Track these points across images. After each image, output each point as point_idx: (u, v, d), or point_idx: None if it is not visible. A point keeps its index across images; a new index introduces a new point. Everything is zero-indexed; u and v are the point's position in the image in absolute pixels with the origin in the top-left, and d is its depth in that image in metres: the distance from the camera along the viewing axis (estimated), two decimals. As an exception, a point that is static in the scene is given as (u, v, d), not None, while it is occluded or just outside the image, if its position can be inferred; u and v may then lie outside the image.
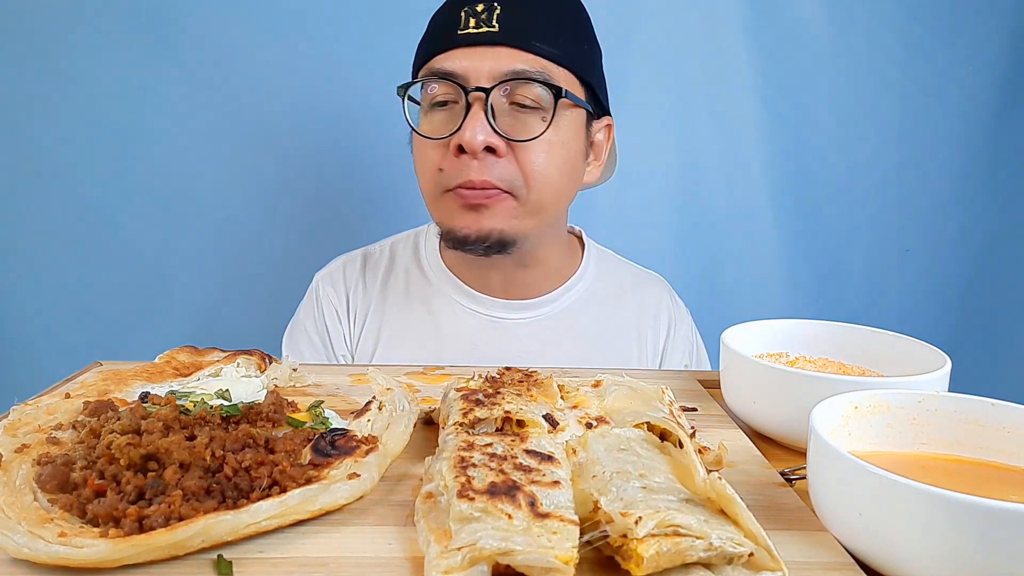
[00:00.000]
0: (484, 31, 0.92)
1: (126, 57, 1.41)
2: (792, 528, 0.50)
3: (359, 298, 1.13)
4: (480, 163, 0.92)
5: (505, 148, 0.93)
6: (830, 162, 1.59)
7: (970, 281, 1.65)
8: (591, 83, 1.00)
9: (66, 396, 0.63)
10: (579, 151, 1.01)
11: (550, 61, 0.94)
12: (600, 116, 1.05)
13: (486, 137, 0.90)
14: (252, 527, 0.45)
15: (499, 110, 0.93)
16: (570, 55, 0.96)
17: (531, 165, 0.94)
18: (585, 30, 1.02)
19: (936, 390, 0.59)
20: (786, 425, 0.65)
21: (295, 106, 1.48)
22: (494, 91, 0.91)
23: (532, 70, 0.92)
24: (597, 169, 1.08)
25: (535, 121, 0.94)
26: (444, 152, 0.95)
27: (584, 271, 1.14)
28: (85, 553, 0.41)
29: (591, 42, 1.03)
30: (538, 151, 0.94)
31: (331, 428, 0.57)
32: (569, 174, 1.00)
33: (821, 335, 0.78)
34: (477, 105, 0.91)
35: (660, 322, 1.15)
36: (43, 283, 1.47)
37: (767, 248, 1.62)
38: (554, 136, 0.95)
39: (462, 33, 0.92)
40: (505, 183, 0.94)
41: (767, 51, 1.53)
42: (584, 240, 1.19)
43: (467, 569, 0.39)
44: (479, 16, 0.92)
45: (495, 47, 0.92)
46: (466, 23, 0.93)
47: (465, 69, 0.92)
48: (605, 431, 0.55)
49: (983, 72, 1.56)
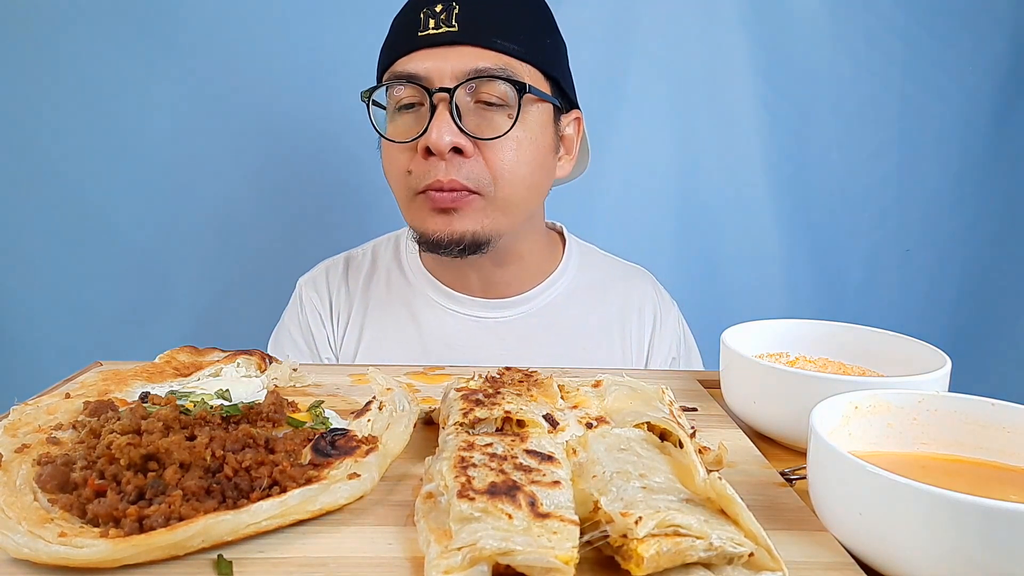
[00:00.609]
0: (444, 31, 0.91)
1: (126, 57, 1.41)
2: (792, 528, 0.50)
3: (342, 301, 1.14)
4: (448, 164, 0.92)
5: (472, 148, 0.93)
6: (830, 162, 1.59)
7: (970, 281, 1.65)
8: (556, 77, 1.00)
9: (66, 396, 0.63)
10: (548, 146, 1.00)
11: (512, 57, 0.93)
12: (568, 110, 1.05)
13: (452, 138, 0.90)
14: (252, 527, 0.45)
15: (464, 110, 0.93)
16: (532, 50, 0.95)
17: (499, 163, 0.94)
18: (546, 24, 1.02)
19: (936, 390, 0.59)
20: (786, 425, 0.65)
21: (297, 107, 1.48)
22: (458, 91, 0.91)
23: (494, 67, 0.92)
24: (569, 163, 1.08)
25: (501, 119, 0.93)
26: (412, 155, 0.95)
27: (565, 267, 1.14)
28: (85, 553, 0.41)
29: (553, 35, 1.02)
30: (506, 149, 0.94)
31: (331, 428, 0.57)
32: (538, 169, 0.99)
33: (821, 335, 0.78)
34: (442, 106, 0.91)
35: (645, 316, 1.15)
36: (43, 283, 1.47)
37: (767, 248, 1.62)
38: (521, 133, 0.95)
39: (423, 35, 0.92)
40: (473, 183, 0.93)
41: (767, 51, 1.53)
42: (565, 236, 1.18)
43: (467, 569, 0.39)
44: (438, 17, 0.92)
45: (456, 47, 0.92)
46: (425, 24, 0.92)
47: (428, 70, 0.91)
48: (605, 431, 0.55)
49: (983, 72, 1.56)
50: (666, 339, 1.15)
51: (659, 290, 1.19)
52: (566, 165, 1.07)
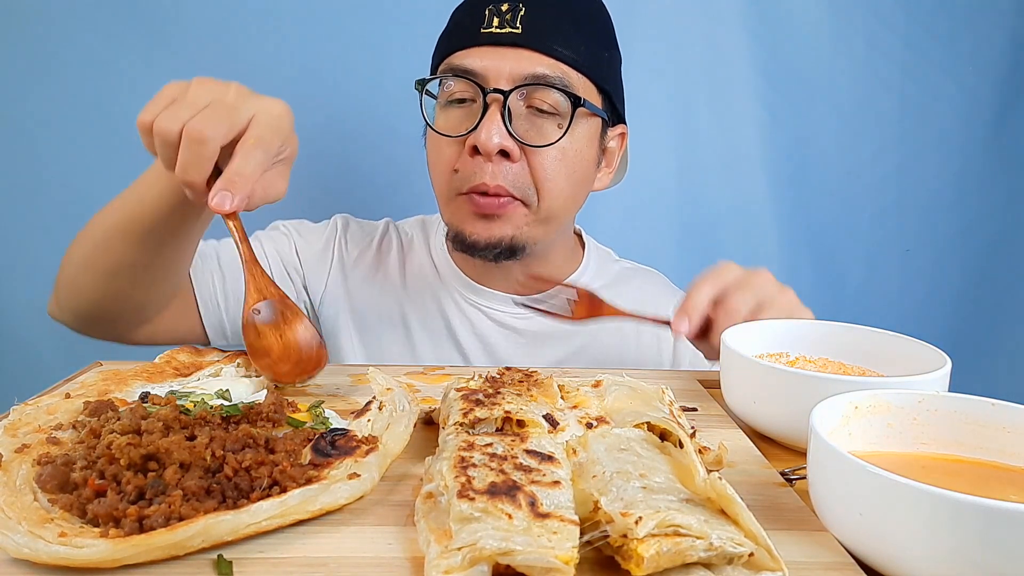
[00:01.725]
0: (507, 31, 0.91)
1: (126, 57, 1.41)
2: (792, 528, 0.50)
3: (367, 265, 1.14)
4: (494, 166, 0.92)
5: (519, 153, 0.93)
6: (830, 162, 1.59)
7: (970, 281, 1.65)
8: (609, 90, 1.00)
9: (66, 396, 0.63)
10: (592, 159, 1.01)
11: (570, 67, 0.93)
12: (615, 123, 1.05)
13: (501, 140, 0.90)
14: (252, 527, 0.44)
15: (516, 113, 0.93)
16: (590, 61, 0.95)
17: (543, 172, 0.94)
18: (607, 36, 1.02)
19: (936, 390, 0.59)
20: (786, 425, 0.65)
21: (298, 107, 1.47)
22: (512, 94, 0.91)
23: (552, 75, 0.92)
24: (607, 176, 1.08)
25: (551, 127, 0.94)
26: (459, 151, 0.95)
27: (584, 269, 1.15)
28: (85, 553, 0.41)
29: (612, 48, 1.02)
30: (552, 158, 0.94)
31: (331, 428, 0.57)
32: (580, 182, 1.00)
33: (821, 335, 0.78)
34: (494, 107, 0.91)
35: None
36: (43, 283, 1.47)
37: (767, 248, 1.62)
38: (568, 144, 0.95)
39: (485, 32, 0.92)
40: (518, 190, 0.94)
41: (767, 51, 1.53)
42: (584, 239, 1.19)
43: (467, 569, 0.39)
44: (503, 16, 0.92)
45: (516, 48, 0.91)
46: (489, 22, 0.92)
47: (485, 68, 0.91)
48: (605, 431, 0.55)
49: (983, 72, 1.56)
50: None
51: (673, 291, 1.20)
52: (604, 178, 1.08)
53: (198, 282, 1.01)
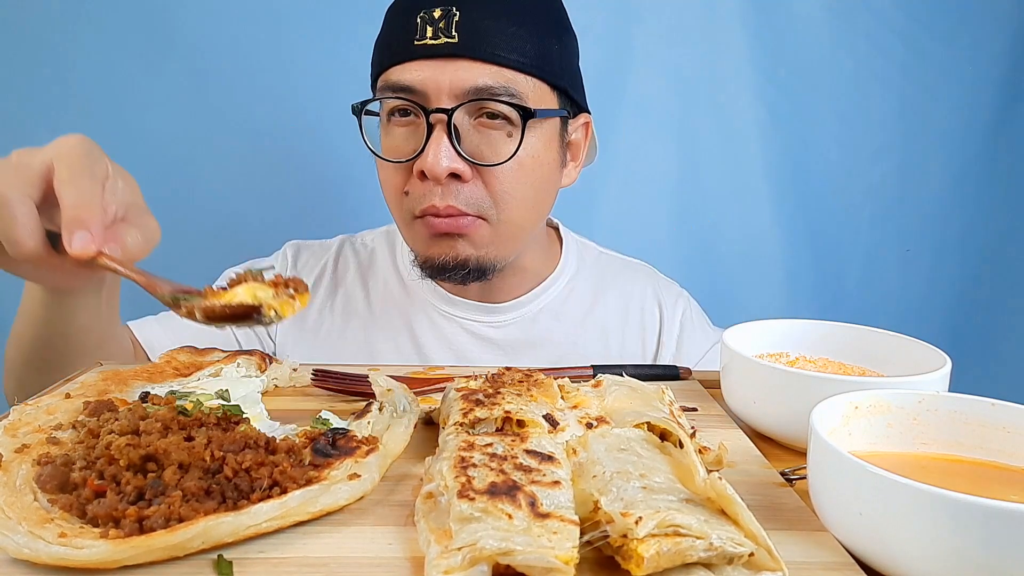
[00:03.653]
0: (443, 42, 0.83)
1: (125, 57, 1.41)
2: (792, 528, 0.50)
3: (326, 286, 1.11)
4: (444, 188, 0.86)
5: (471, 172, 0.87)
6: (830, 162, 1.60)
7: (970, 281, 1.65)
8: (564, 86, 0.92)
9: (66, 396, 0.63)
10: (553, 161, 0.94)
11: (517, 71, 0.86)
12: (576, 114, 0.98)
13: (450, 163, 0.84)
14: (252, 528, 0.44)
15: (463, 130, 0.86)
16: (539, 60, 0.87)
17: (500, 186, 0.88)
18: (554, 23, 0.93)
19: (936, 390, 0.59)
20: (786, 425, 0.65)
21: (298, 105, 1.48)
22: (457, 111, 0.84)
23: (497, 85, 0.84)
24: (575, 170, 1.02)
25: (503, 139, 0.87)
26: (408, 174, 0.89)
27: (563, 268, 1.10)
28: (85, 554, 0.41)
29: (562, 35, 0.93)
30: (508, 171, 0.88)
31: (331, 428, 0.57)
32: (543, 188, 0.94)
33: (821, 335, 0.78)
34: (439, 127, 0.84)
35: (648, 312, 1.11)
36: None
37: (767, 248, 1.62)
38: (525, 153, 0.88)
39: (419, 44, 0.84)
40: (472, 208, 0.88)
41: (767, 51, 1.53)
42: (562, 233, 1.14)
43: (467, 569, 0.39)
44: (436, 25, 0.84)
45: (455, 60, 0.83)
46: (423, 32, 0.84)
47: (424, 83, 0.84)
48: (605, 431, 0.55)
49: (983, 72, 1.56)
50: (696, 334, 1.12)
51: (662, 285, 1.15)
52: (572, 172, 1.01)
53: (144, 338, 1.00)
